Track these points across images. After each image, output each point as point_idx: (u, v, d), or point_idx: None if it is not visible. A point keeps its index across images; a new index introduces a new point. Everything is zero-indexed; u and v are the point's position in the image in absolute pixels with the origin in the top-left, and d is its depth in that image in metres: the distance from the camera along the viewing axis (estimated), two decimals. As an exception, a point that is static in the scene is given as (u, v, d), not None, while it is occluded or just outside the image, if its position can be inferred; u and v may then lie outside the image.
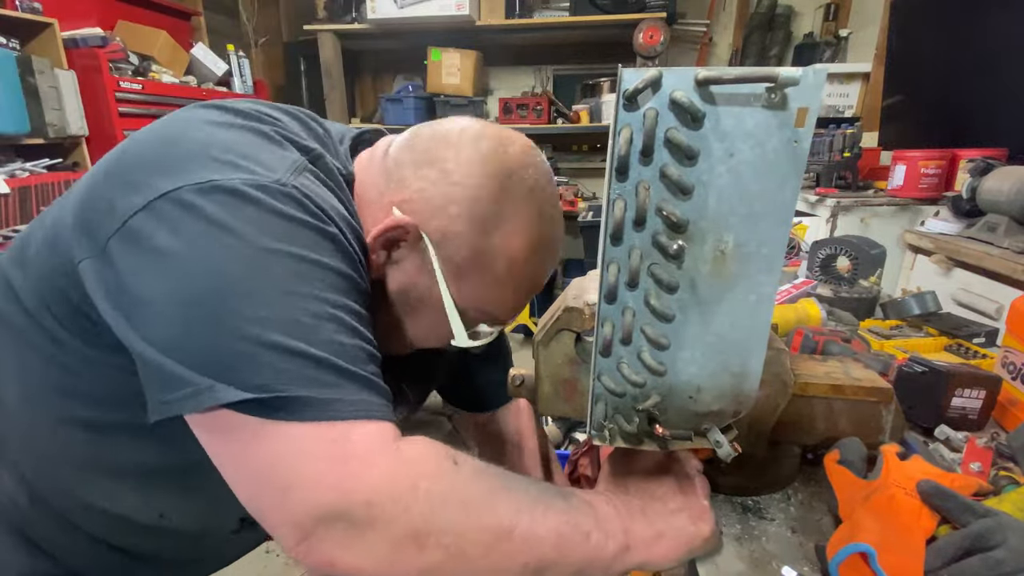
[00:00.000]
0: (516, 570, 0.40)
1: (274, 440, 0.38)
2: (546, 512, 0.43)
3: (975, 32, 1.87)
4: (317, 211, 0.45)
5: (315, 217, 0.45)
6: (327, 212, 0.46)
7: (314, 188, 0.47)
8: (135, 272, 0.41)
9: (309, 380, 0.39)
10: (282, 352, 0.39)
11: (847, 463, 0.55)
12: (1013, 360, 0.73)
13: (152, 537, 0.59)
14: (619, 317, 0.39)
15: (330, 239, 0.45)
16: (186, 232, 0.40)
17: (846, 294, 1.14)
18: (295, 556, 0.39)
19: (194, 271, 0.40)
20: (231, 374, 0.38)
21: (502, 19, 2.95)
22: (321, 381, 0.39)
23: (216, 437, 0.41)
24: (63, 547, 0.57)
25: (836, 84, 2.80)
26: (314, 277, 0.42)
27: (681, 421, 0.42)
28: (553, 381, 0.54)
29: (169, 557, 0.63)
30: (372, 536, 0.38)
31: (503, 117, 3.14)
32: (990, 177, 1.46)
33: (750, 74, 0.31)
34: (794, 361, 0.63)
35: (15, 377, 0.52)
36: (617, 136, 0.34)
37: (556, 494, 0.46)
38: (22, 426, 0.54)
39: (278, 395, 0.38)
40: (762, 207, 0.34)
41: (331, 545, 0.38)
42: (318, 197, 0.46)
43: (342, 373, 0.41)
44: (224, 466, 0.42)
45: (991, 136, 1.76)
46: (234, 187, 0.41)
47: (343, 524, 0.37)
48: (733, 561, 0.51)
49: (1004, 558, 0.40)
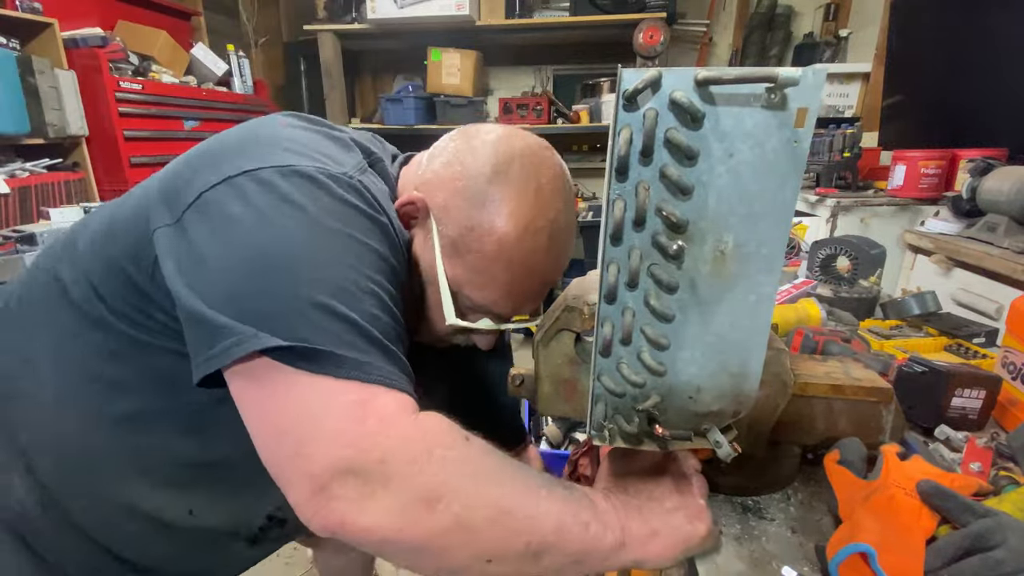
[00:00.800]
0: (519, 548, 0.41)
1: (304, 390, 0.40)
2: (549, 496, 0.43)
3: (975, 32, 1.87)
4: (374, 203, 0.51)
5: (371, 208, 0.50)
6: (381, 205, 0.52)
7: (373, 184, 0.54)
8: (203, 236, 0.45)
9: (346, 342, 0.42)
10: (326, 312, 0.42)
11: (847, 463, 0.55)
12: (1013, 360, 0.73)
13: (173, 540, 0.59)
14: (619, 317, 0.39)
15: (380, 228, 0.50)
16: (257, 203, 0.44)
17: (846, 294, 1.14)
18: (305, 515, 0.40)
19: (257, 235, 0.43)
20: (276, 324, 0.40)
21: (502, 19, 2.95)
22: (357, 346, 0.42)
23: (250, 384, 0.43)
24: (69, 557, 0.57)
25: (836, 84, 2.80)
26: (363, 256, 0.47)
27: (681, 421, 0.42)
28: (553, 381, 0.54)
29: (177, 571, 0.63)
30: (384, 495, 0.38)
31: (503, 117, 3.14)
32: (990, 177, 1.46)
33: (750, 74, 0.31)
34: (794, 361, 0.63)
35: (52, 375, 0.54)
36: (617, 136, 0.34)
37: (558, 483, 0.47)
38: (52, 426, 0.55)
39: (316, 348, 0.40)
40: (762, 207, 0.34)
41: (343, 503, 0.38)
42: (376, 191, 0.53)
43: (374, 343, 0.43)
44: (251, 417, 0.43)
45: (991, 136, 1.76)
46: (310, 173, 0.47)
47: (357, 481, 0.38)
48: (733, 561, 0.51)
49: (1004, 558, 0.40)
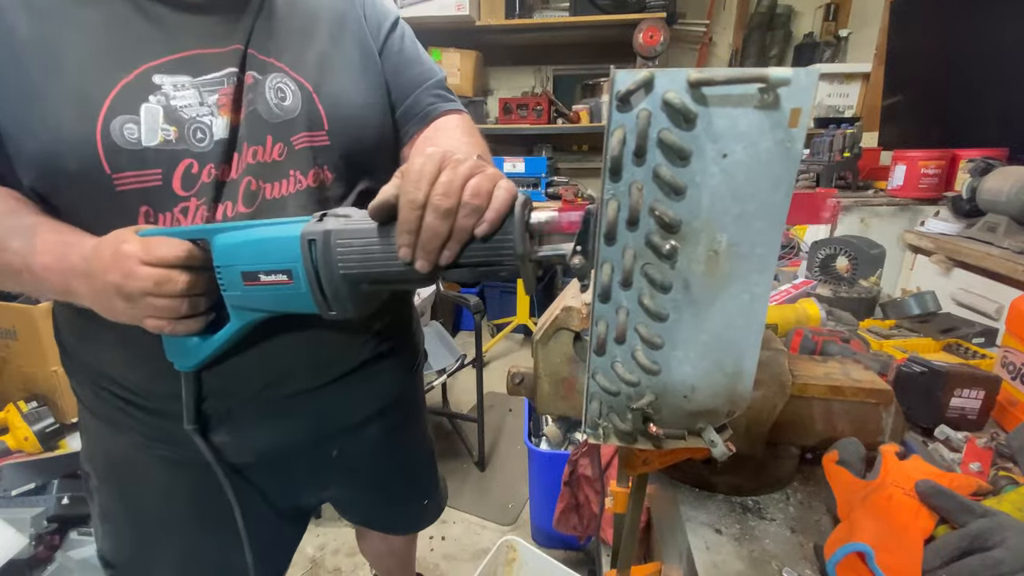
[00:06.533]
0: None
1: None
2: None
3: (975, 32, 1.87)
4: None
5: None
6: None
7: None
8: None
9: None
10: None
11: (846, 463, 0.55)
12: (1013, 360, 0.73)
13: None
14: (613, 316, 0.39)
15: None
16: None
17: (846, 294, 1.14)
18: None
19: None
20: None
21: (502, 19, 2.96)
22: None
23: None
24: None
25: (836, 84, 2.80)
26: None
27: (675, 420, 0.42)
28: (552, 380, 0.55)
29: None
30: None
31: (503, 117, 3.15)
32: (990, 177, 1.46)
33: (741, 75, 0.31)
34: (793, 362, 0.63)
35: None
36: (610, 137, 0.34)
37: (23, 233, 0.53)
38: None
39: None
40: (756, 207, 0.34)
41: None
42: None
43: None
44: None
45: (991, 136, 1.75)
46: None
47: None
48: (733, 561, 0.51)
49: (1003, 558, 0.40)
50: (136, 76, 0.54)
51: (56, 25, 0.53)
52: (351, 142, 0.65)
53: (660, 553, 0.74)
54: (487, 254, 0.46)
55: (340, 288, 0.50)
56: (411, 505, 0.98)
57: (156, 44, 0.56)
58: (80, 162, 0.52)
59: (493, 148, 0.71)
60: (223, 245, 0.53)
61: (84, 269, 0.52)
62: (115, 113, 0.53)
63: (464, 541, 1.78)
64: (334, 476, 0.81)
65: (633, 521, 0.58)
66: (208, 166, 0.57)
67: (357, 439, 0.78)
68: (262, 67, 0.61)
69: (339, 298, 0.51)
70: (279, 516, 0.78)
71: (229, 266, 0.53)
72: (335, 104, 0.64)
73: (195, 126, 0.56)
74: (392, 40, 0.72)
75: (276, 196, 0.61)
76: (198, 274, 0.53)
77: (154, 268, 0.49)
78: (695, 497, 0.61)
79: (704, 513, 0.58)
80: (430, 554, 1.72)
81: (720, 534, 0.55)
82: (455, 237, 0.45)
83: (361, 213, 0.51)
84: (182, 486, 0.69)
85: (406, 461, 0.92)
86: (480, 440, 2.09)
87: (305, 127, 0.62)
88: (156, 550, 0.72)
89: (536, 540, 1.67)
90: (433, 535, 1.79)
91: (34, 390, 1.58)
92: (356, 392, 0.74)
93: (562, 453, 1.51)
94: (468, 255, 0.47)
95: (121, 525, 0.73)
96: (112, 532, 0.74)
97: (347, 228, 0.49)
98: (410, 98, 0.72)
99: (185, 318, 0.53)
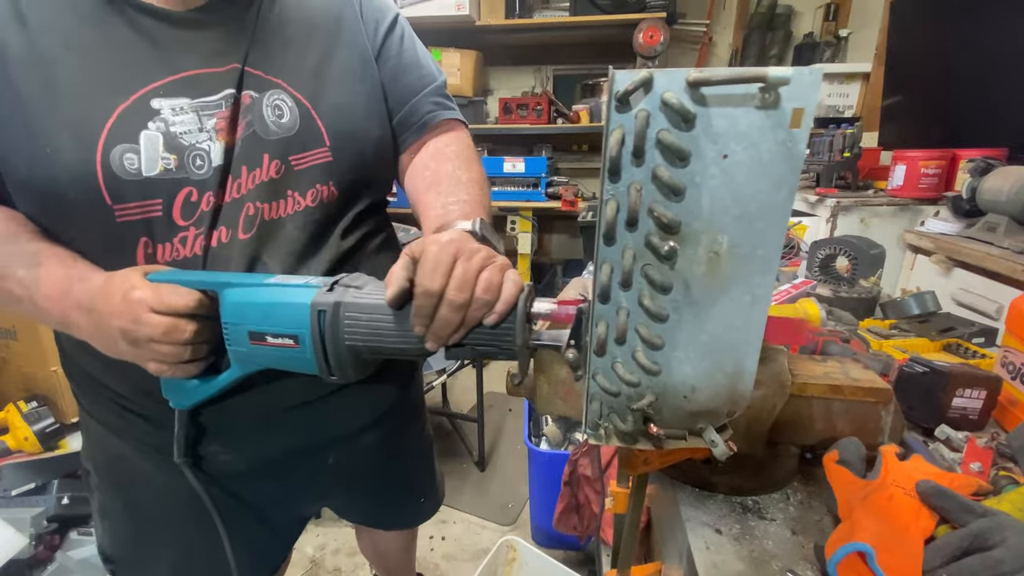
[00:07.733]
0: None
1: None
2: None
3: (975, 32, 1.87)
4: None
5: None
6: None
7: None
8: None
9: None
10: None
11: (846, 463, 0.55)
12: (1013, 360, 0.73)
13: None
14: (613, 316, 0.39)
15: None
16: None
17: (846, 294, 1.14)
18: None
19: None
20: None
21: (502, 19, 2.95)
22: None
23: None
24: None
25: (836, 84, 2.80)
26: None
27: (676, 420, 0.42)
28: (551, 380, 0.55)
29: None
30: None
31: (503, 117, 3.14)
32: (990, 177, 1.45)
33: (740, 75, 0.31)
34: (793, 361, 0.63)
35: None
36: (608, 137, 0.34)
37: (27, 261, 0.53)
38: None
39: None
40: (757, 208, 0.34)
41: None
42: None
43: None
44: None
45: (991, 136, 1.75)
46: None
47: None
48: (733, 561, 0.51)
49: (1003, 558, 0.40)
50: (134, 101, 0.53)
51: (50, 43, 0.51)
52: (353, 156, 0.65)
53: (660, 553, 0.74)
54: (490, 339, 0.50)
55: (344, 357, 0.52)
56: (408, 505, 0.99)
57: (153, 64, 0.55)
58: (80, 193, 0.51)
59: (493, 148, 0.72)
60: (233, 303, 0.53)
61: (88, 307, 0.51)
62: (114, 141, 0.52)
63: (464, 541, 1.78)
64: (332, 484, 0.81)
65: (633, 521, 0.58)
66: (207, 194, 0.56)
67: (354, 446, 0.78)
68: (259, 84, 0.59)
69: (342, 365, 0.53)
70: (275, 523, 0.78)
71: (237, 324, 0.53)
72: (336, 119, 0.63)
73: (194, 153, 0.55)
74: (391, 42, 0.70)
75: (275, 216, 0.60)
76: (204, 323, 0.53)
77: (163, 316, 0.50)
78: (695, 497, 0.61)
79: (704, 513, 0.58)
80: (430, 554, 1.72)
81: (720, 534, 0.55)
82: (466, 325, 0.48)
83: (374, 284, 0.53)
84: (178, 487, 0.69)
85: (404, 464, 0.92)
86: (480, 440, 2.09)
87: (304, 147, 0.61)
88: (154, 547, 0.73)
89: (536, 540, 1.67)
90: (433, 535, 1.79)
91: (34, 390, 1.58)
92: (355, 402, 0.74)
93: (562, 453, 1.51)
94: (472, 338, 0.50)
95: (120, 522, 0.73)
96: (111, 529, 0.74)
97: (356, 302, 0.51)
98: (408, 105, 0.71)
99: (187, 363, 0.54)
